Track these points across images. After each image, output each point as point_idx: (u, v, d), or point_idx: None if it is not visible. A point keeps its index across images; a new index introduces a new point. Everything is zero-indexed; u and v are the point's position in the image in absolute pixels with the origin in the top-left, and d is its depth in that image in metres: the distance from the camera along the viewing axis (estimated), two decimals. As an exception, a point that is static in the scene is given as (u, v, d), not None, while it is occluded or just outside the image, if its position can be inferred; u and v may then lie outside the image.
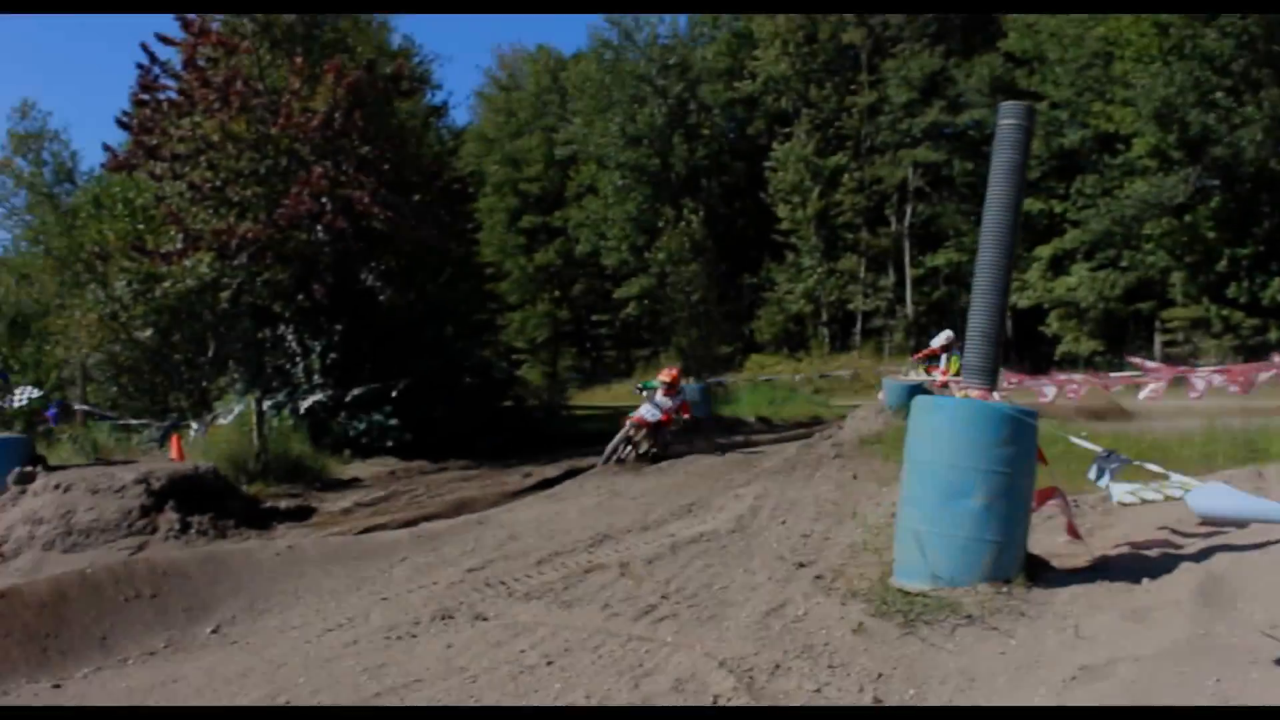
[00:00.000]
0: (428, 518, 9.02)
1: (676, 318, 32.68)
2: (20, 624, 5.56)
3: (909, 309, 38.51)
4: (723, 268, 37.36)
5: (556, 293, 48.09)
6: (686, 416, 13.73)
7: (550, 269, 47.56)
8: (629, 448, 13.12)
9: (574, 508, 8.90)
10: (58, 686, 5.05)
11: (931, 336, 16.31)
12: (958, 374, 15.31)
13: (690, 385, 24.26)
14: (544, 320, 46.79)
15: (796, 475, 10.07)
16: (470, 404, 16.93)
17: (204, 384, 18.98)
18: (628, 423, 13.19)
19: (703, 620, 5.19)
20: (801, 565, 6.11)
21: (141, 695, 4.76)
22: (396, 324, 17.08)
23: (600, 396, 36.72)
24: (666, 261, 32.77)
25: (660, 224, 35.06)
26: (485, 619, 5.47)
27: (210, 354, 18.93)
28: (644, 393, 13.86)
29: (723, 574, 6.11)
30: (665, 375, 13.74)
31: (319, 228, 16.35)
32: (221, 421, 13.86)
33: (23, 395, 14.30)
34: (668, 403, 13.23)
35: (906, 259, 38.86)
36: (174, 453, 12.07)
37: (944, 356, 15.39)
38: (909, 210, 38.98)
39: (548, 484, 10.90)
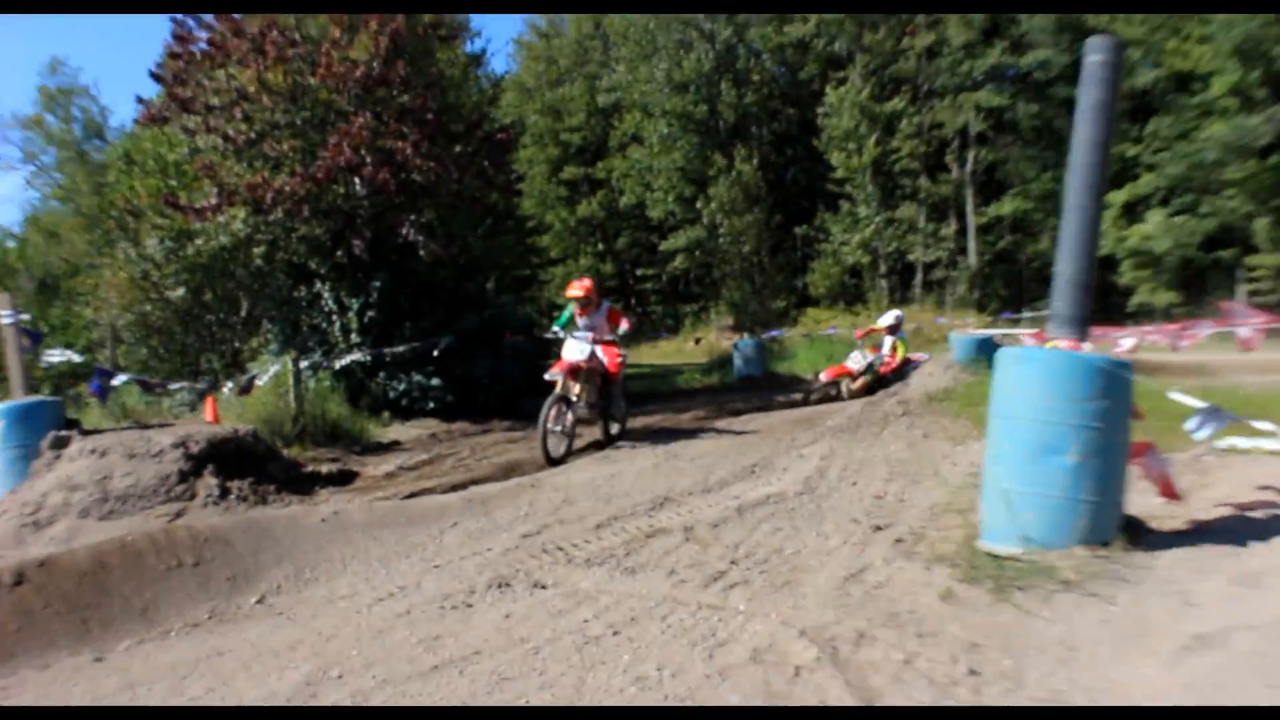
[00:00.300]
0: (476, 481, 8.94)
1: (727, 271, 32.42)
2: (60, 594, 5.53)
3: (972, 259, 37.93)
4: (776, 218, 36.96)
5: (600, 246, 47.95)
6: (625, 328, 10.69)
7: (593, 221, 47.39)
8: (562, 415, 10.16)
9: (630, 469, 8.79)
10: (99, 660, 5.01)
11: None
12: (905, 360, 15.43)
13: (744, 341, 24.16)
14: (587, 275, 46.67)
15: (863, 434, 9.90)
16: (514, 363, 16.83)
17: (237, 345, 19.11)
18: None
19: (776, 587, 5.06)
20: (879, 528, 5.97)
21: (185, 670, 4.70)
22: (437, 280, 17.01)
23: (646, 354, 36.61)
24: (717, 212, 32.47)
25: (710, 173, 34.65)
26: (544, 587, 5.38)
27: (244, 313, 19.02)
28: (559, 332, 11.00)
29: (794, 538, 5.98)
30: (576, 287, 10.87)
31: (357, 180, 16.28)
32: (259, 383, 13.86)
33: (60, 356, 14.31)
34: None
35: (969, 207, 38.24)
36: (209, 415, 12.07)
37: (888, 338, 15.91)
38: (971, 156, 38.29)
39: (598, 446, 10.79)
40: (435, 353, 15.22)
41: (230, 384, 13.47)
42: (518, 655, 4.40)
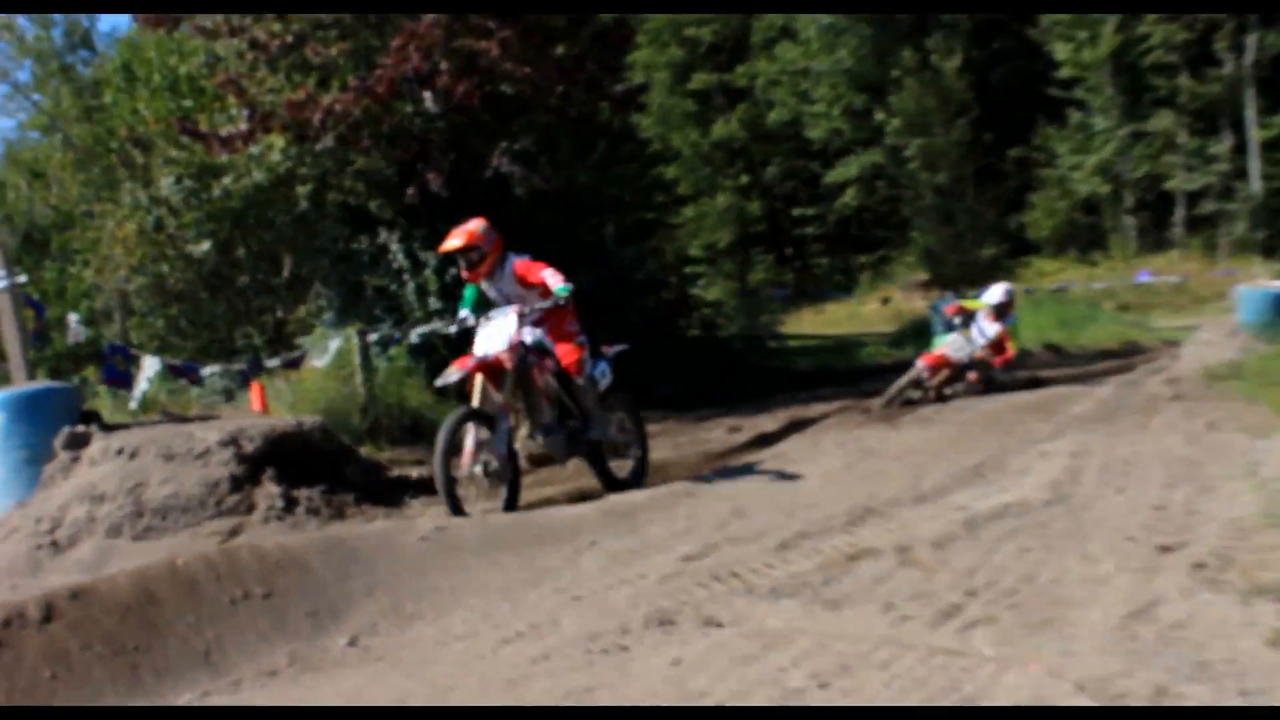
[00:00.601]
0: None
1: (917, 208, 32.18)
2: (101, 634, 5.79)
3: (1255, 185, 36.93)
4: (984, 137, 36.45)
5: (743, 179, 47.82)
6: (559, 284, 9.21)
7: (733, 146, 47.34)
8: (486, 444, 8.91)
9: (814, 472, 8.86)
10: (157, 717, 5.25)
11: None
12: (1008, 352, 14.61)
13: (944, 300, 23.93)
14: (727, 217, 46.62)
15: (1122, 424, 9.83)
16: (643, 333, 16.94)
17: (280, 314, 19.51)
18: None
19: (1033, 626, 5.06)
20: (1166, 549, 5.93)
21: (269, 729, 4.89)
22: (538, 224, 17.15)
23: (810, 321, 36.61)
24: (901, 129, 32.16)
25: (892, 75, 34.29)
26: (719, 625, 5.46)
27: (286, 273, 19.42)
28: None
29: (1049, 561, 5.97)
30: (455, 236, 9.35)
31: (429, 94, 16.46)
32: (316, 363, 14.18)
33: (76, 331, 14.80)
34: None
35: (1249, 114, 37.21)
36: (255, 404, 12.45)
37: (991, 325, 14.68)
38: (1251, 43, 37.17)
39: (765, 441, 10.89)
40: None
41: (275, 363, 13.81)
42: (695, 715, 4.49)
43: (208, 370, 14.71)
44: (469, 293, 9.74)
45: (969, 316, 14.79)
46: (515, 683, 5.07)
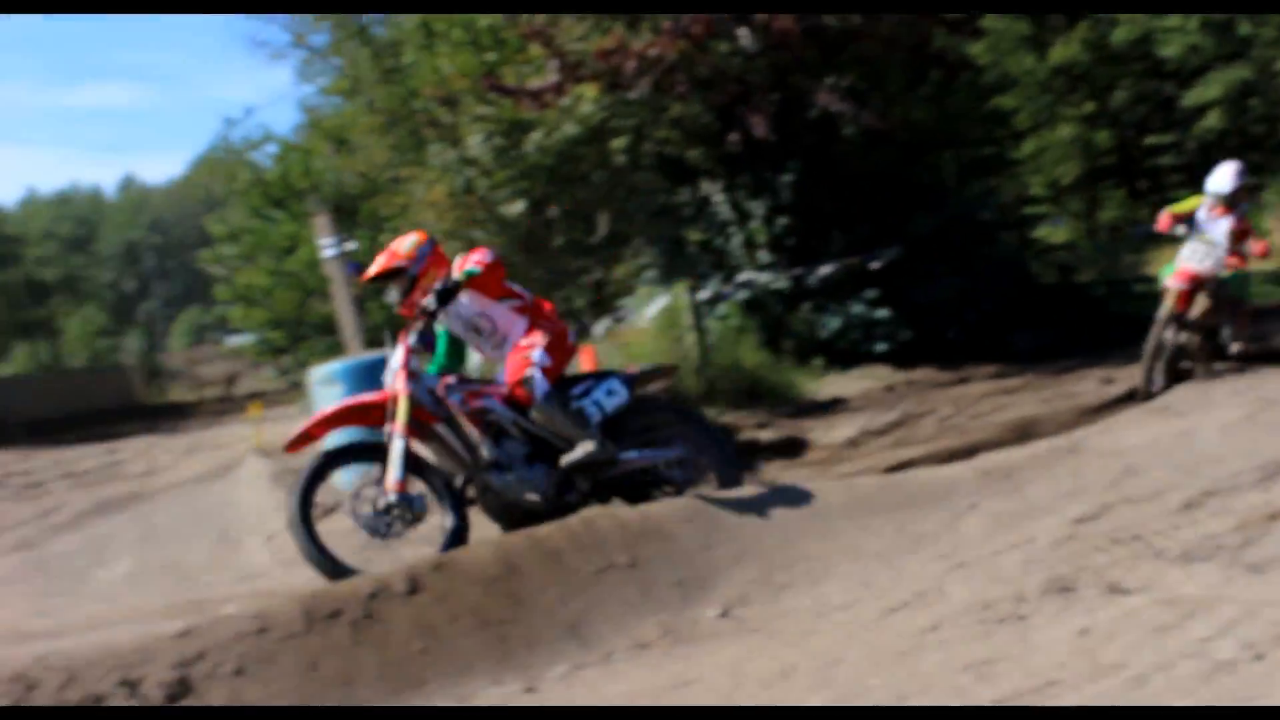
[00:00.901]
0: (977, 447, 9.03)
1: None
2: (468, 606, 6.04)
3: None
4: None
5: (1088, 106, 46.42)
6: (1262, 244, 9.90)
7: (1074, 71, 45.98)
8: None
9: (1209, 425, 8.58)
10: (531, 690, 5.42)
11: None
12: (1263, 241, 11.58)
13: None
14: (1071, 150, 45.33)
15: None
16: (992, 280, 16.66)
17: (598, 275, 19.83)
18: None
19: None
20: None
21: (647, 703, 5.00)
22: (871, 166, 17.00)
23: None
24: (1274, 40, 30.75)
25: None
26: (1126, 591, 5.36)
27: (604, 232, 19.72)
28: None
29: None
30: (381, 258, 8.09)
31: (745, 31, 16.40)
32: (635, 323, 14.40)
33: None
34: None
35: None
36: (586, 367, 12.71)
37: (1222, 220, 11.58)
38: None
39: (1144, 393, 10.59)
40: (873, 267, 15.25)
41: (605, 324, 14.09)
42: (1113, 687, 4.40)
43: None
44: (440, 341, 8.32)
45: (1188, 220, 11.84)
46: (906, 655, 5.07)
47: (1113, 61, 45.08)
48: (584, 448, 7.49)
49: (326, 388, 10.16)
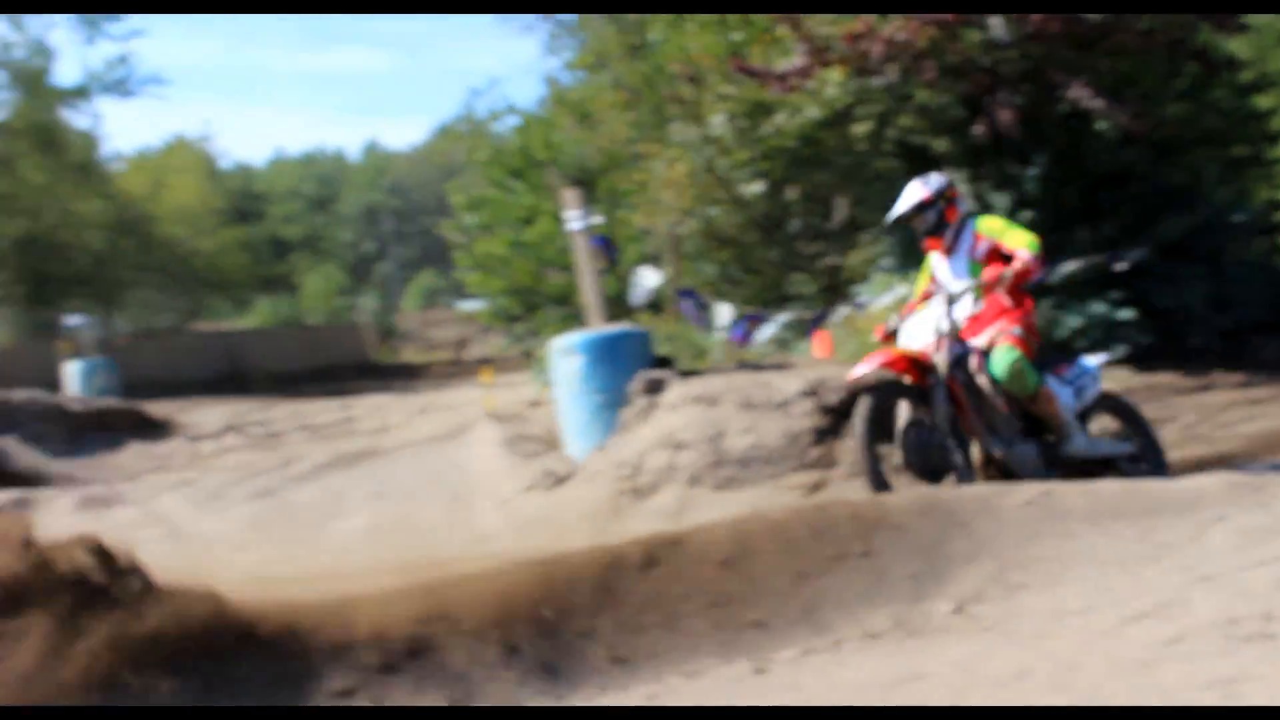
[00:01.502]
0: (1222, 458, 8.81)
1: None
2: (699, 582, 6.10)
3: None
4: None
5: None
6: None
7: (1338, 70, 44.40)
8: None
9: None
10: (761, 672, 5.46)
11: None
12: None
13: None
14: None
15: None
16: (1243, 286, 16.19)
17: (831, 260, 19.75)
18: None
19: None
20: None
21: (877, 695, 4.98)
22: (1122, 165, 16.64)
23: None
24: None
25: None
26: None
27: (841, 217, 19.64)
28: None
29: None
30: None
31: (998, 21, 16.14)
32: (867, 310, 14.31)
33: (646, 292, 15.43)
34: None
35: None
36: (821, 352, 12.70)
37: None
38: None
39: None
40: (1119, 268, 14.92)
41: (844, 311, 14.03)
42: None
43: (776, 319, 15.09)
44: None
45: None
46: (1148, 665, 4.97)
47: (1380, 62, 43.40)
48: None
49: (566, 358, 10.29)
